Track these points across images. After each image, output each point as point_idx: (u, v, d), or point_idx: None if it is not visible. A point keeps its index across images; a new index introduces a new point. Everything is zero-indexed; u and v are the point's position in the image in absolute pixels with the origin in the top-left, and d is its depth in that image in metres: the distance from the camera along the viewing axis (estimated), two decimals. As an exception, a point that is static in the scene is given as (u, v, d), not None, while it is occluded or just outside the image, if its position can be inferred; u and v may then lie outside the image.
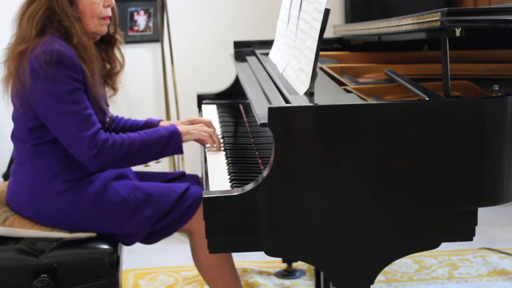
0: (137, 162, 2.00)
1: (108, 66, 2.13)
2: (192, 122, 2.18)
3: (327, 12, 1.69)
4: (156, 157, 2.01)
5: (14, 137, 2.02)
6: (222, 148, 2.09)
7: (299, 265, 2.95)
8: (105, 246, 1.95)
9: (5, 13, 2.20)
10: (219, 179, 1.83)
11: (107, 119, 2.08)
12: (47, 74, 1.83)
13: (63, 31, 1.92)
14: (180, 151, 2.01)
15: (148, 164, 2.08)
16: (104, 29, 2.02)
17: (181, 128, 2.03)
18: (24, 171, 1.98)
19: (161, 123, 2.26)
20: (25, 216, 1.99)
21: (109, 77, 2.13)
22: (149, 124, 2.25)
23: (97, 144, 1.88)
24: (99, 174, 2.01)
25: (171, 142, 1.98)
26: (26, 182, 1.97)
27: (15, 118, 2.00)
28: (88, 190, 1.96)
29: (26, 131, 1.95)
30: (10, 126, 2.03)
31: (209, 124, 2.15)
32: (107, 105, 2.10)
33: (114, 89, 2.15)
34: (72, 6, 1.93)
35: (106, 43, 2.11)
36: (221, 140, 2.15)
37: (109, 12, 2.01)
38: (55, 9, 1.91)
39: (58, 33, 1.91)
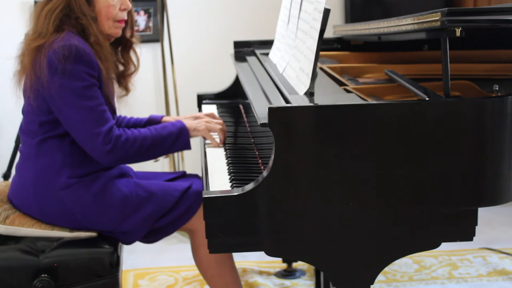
0: (147, 158, 2.03)
1: (121, 67, 2.15)
2: (197, 117, 2.20)
3: (327, 12, 1.69)
4: (164, 153, 2.04)
5: (22, 131, 2.03)
6: (222, 147, 2.09)
7: (299, 265, 2.95)
8: (105, 246, 1.95)
9: (5, 14, 2.20)
10: (219, 179, 1.84)
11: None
12: (64, 69, 1.85)
13: (80, 28, 1.94)
14: (188, 147, 2.04)
15: (158, 159, 2.09)
16: (118, 32, 2.03)
17: (188, 124, 2.05)
18: (30, 166, 1.99)
19: (164, 119, 2.28)
20: (27, 211, 2.00)
21: (123, 77, 2.15)
22: (152, 121, 2.27)
23: (111, 139, 1.90)
24: (102, 172, 2.02)
25: (179, 139, 2.02)
26: (30, 177, 1.98)
27: (26, 111, 2.01)
28: (90, 186, 1.97)
29: (37, 124, 1.96)
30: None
31: (213, 117, 2.16)
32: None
33: (127, 90, 2.18)
34: (89, 6, 1.95)
35: (123, 46, 2.14)
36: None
37: (124, 15, 2.03)
38: (72, 7, 1.93)
39: (75, 30, 1.93)
